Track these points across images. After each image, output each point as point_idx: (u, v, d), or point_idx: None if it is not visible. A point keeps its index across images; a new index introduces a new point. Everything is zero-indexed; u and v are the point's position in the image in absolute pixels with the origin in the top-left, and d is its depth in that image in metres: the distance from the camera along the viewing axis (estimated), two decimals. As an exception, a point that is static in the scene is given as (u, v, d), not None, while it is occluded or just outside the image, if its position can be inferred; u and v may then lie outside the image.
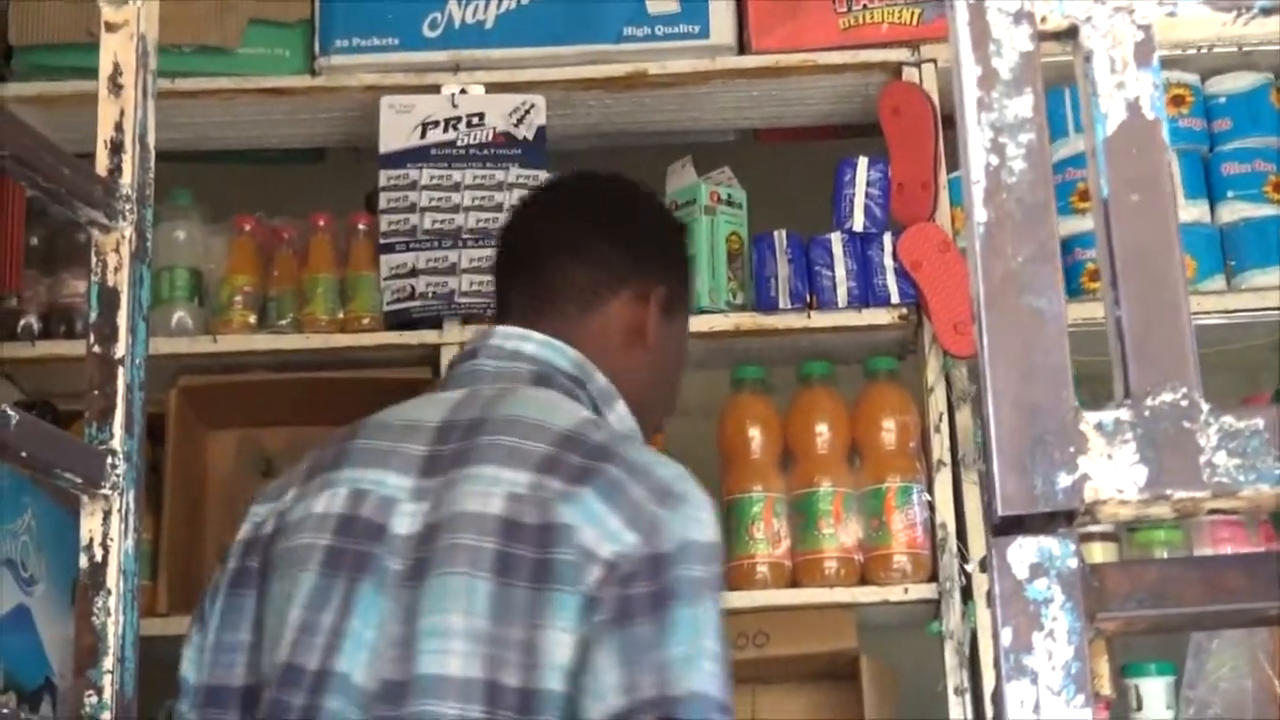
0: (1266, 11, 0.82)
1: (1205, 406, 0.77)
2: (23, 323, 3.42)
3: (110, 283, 1.55)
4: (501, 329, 2.21)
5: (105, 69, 1.63)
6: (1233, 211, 3.49)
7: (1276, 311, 3.44)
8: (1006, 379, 0.78)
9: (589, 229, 2.29)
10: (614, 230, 2.30)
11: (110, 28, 1.64)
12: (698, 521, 1.90)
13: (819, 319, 3.40)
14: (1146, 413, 0.78)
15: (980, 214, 0.79)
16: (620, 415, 2.16)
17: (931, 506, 3.27)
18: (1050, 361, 0.78)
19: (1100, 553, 3.31)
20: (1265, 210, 3.47)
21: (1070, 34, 0.83)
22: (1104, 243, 0.80)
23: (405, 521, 1.94)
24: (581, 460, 1.93)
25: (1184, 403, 0.78)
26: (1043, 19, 0.83)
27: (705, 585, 1.86)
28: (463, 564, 1.85)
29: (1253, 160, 3.51)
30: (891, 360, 3.44)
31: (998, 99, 0.80)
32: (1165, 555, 3.32)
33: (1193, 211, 3.48)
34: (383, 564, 1.91)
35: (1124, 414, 0.78)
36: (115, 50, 1.62)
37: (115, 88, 1.63)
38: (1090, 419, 0.77)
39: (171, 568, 3.30)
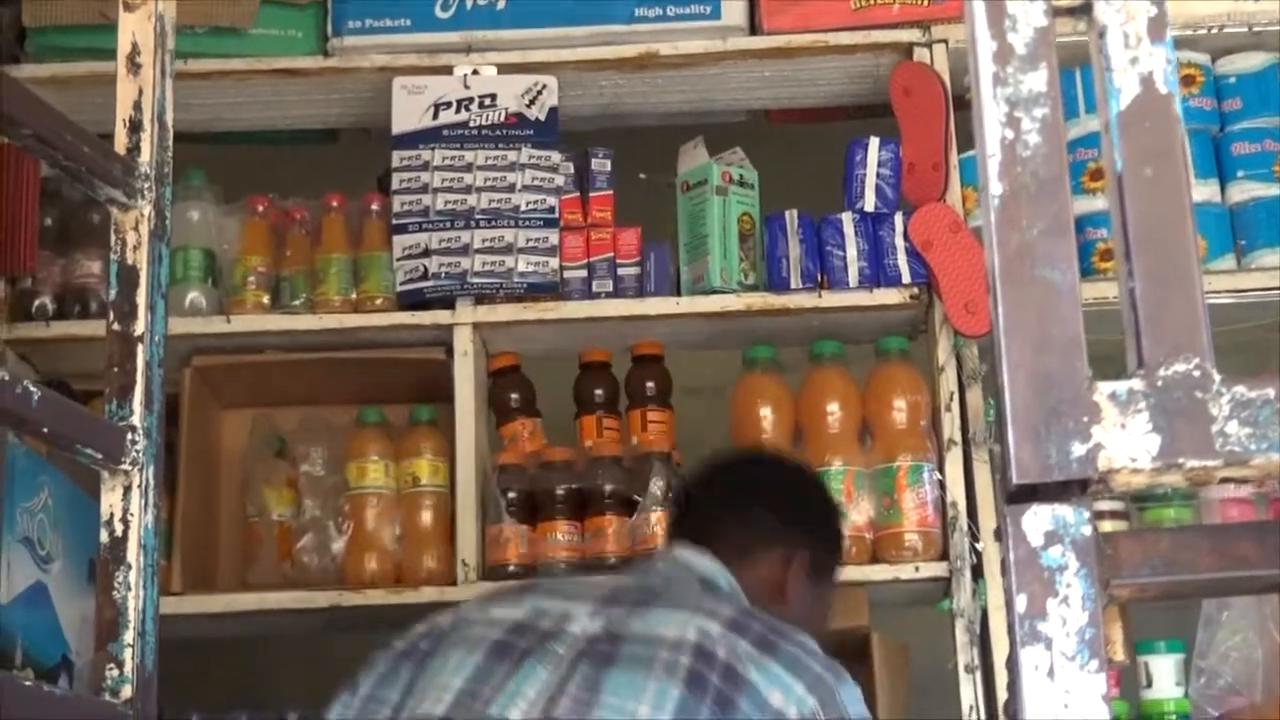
0: (1279, -13, 0.82)
1: (1217, 377, 0.78)
2: (37, 303, 3.43)
3: (130, 261, 1.57)
4: (678, 548, 2.43)
5: (124, 48, 1.64)
6: (1243, 191, 3.49)
7: (1288, 292, 3.45)
8: (1021, 350, 0.79)
9: (753, 494, 2.53)
10: (773, 499, 2.52)
11: (129, 7, 1.65)
12: (857, 702, 2.15)
13: (830, 299, 3.41)
14: (1159, 383, 0.79)
15: (995, 187, 0.80)
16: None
17: (942, 485, 3.28)
18: (1064, 332, 0.79)
19: (1110, 529, 3.32)
20: (1275, 190, 3.48)
21: (1085, 9, 0.84)
22: (1118, 216, 0.81)
23: (583, 624, 2.17)
24: (763, 630, 2.15)
25: (1196, 373, 0.79)
26: (1057, -6, 0.84)
27: None
28: (658, 669, 2.06)
29: (1263, 140, 3.52)
30: (902, 340, 3.44)
31: (1013, 74, 0.82)
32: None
33: (1203, 191, 3.48)
34: (554, 650, 2.13)
35: (1137, 384, 0.79)
36: (134, 30, 1.63)
37: (134, 67, 1.64)
38: (1104, 389, 0.79)
39: (186, 547, 3.32)
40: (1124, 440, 0.78)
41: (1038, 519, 0.77)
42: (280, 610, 3.31)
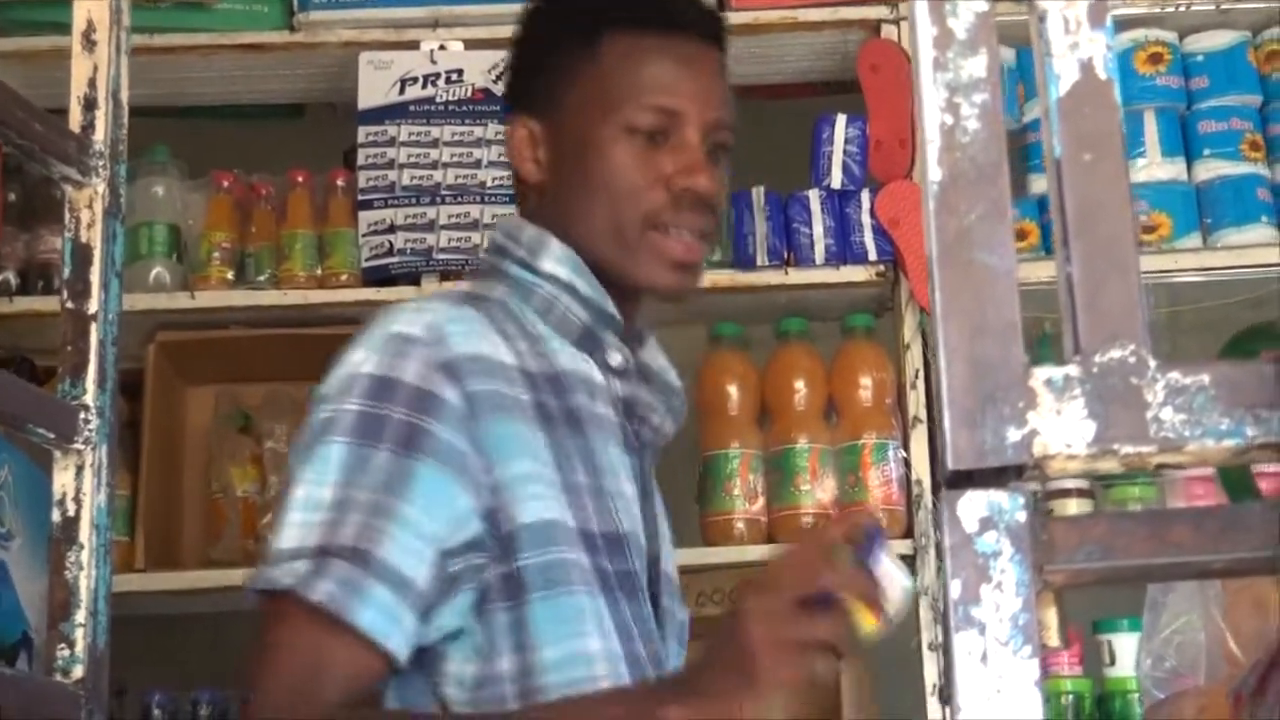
0: (1219, -28, 0.82)
1: (1153, 363, 0.78)
2: (0, 278, 3.42)
3: (83, 239, 1.56)
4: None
5: (79, 25, 1.64)
6: (1209, 169, 3.50)
7: (1253, 270, 3.46)
8: (959, 335, 0.79)
9: None
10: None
11: (83, -16, 1.64)
12: (352, 350, 1.79)
13: (796, 276, 3.41)
14: (1095, 369, 0.79)
15: (934, 172, 0.80)
16: (557, 258, 1.89)
17: (907, 463, 3.29)
18: (1001, 318, 0.79)
19: (1075, 508, 3.34)
20: (1242, 168, 3.49)
21: (1025, -6, 0.84)
22: (1056, 201, 0.81)
23: None
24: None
25: (1132, 359, 0.79)
26: (998, -21, 0.83)
27: (329, 427, 1.72)
28: None
29: (1229, 118, 3.53)
30: (868, 317, 3.45)
31: (953, 59, 0.81)
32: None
33: (1169, 169, 3.50)
34: None
35: (1073, 370, 0.79)
36: (89, 7, 1.63)
37: (89, 44, 1.64)
38: (1040, 375, 0.79)
39: (149, 524, 3.31)
40: (1059, 426, 0.78)
41: (973, 505, 0.77)
42: (244, 587, 3.29)
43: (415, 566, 1.65)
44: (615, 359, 1.91)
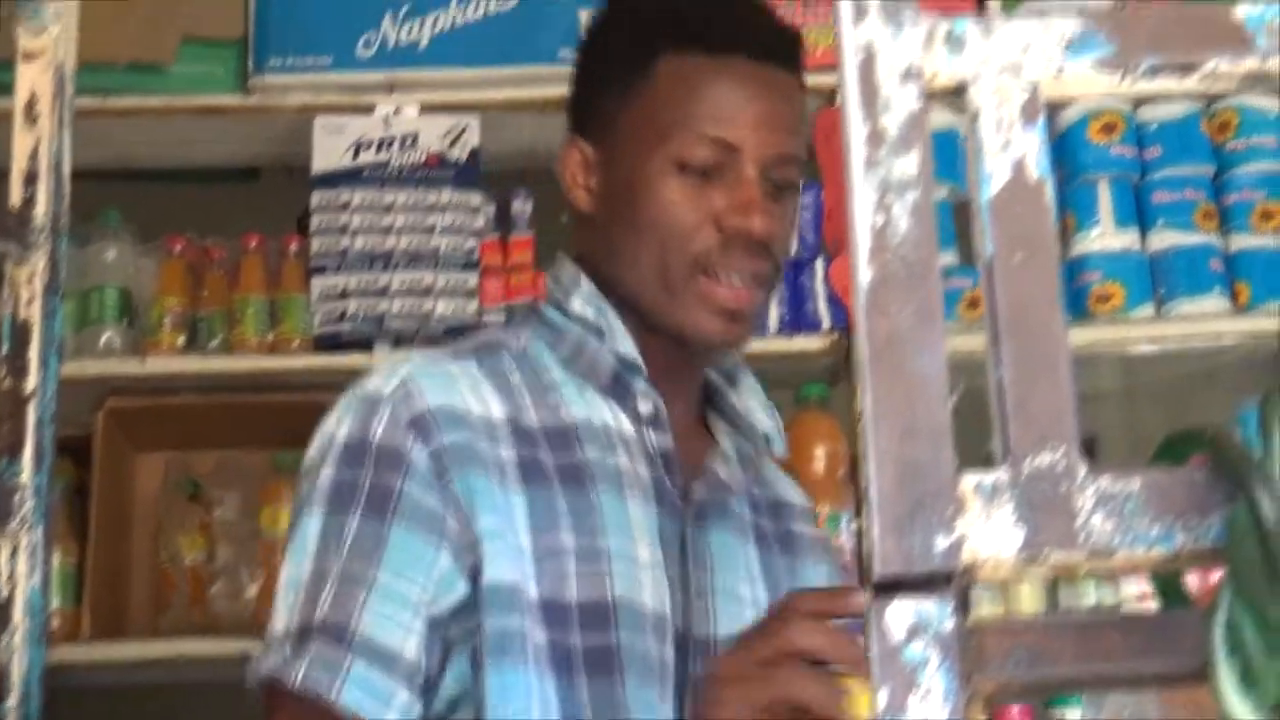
0: (1154, 71, 0.82)
1: (1083, 468, 0.78)
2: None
3: (22, 316, 1.54)
4: None
5: (21, 98, 1.62)
6: (1163, 239, 3.51)
7: (1206, 340, 3.47)
8: (889, 438, 0.78)
9: None
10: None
11: (27, 57, 1.62)
12: (329, 416, 1.74)
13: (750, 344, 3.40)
14: (1025, 474, 0.78)
15: (865, 273, 0.79)
16: (585, 297, 1.81)
17: (859, 535, 3.28)
18: (932, 421, 0.78)
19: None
20: (1195, 238, 3.49)
21: (959, 92, 0.83)
22: (989, 302, 0.81)
23: None
24: None
25: (1062, 464, 0.78)
26: (932, 76, 0.83)
27: (308, 499, 1.69)
28: None
29: (1183, 188, 3.53)
30: (822, 386, 3.44)
31: (885, 157, 0.81)
32: (1092, 583, 3.33)
33: (1123, 239, 3.50)
34: None
35: (1003, 475, 0.78)
36: (32, 80, 1.61)
37: (31, 118, 1.61)
38: (969, 480, 0.78)
39: (96, 593, 3.28)
40: (988, 533, 0.78)
41: (901, 612, 0.76)
42: (192, 658, 3.27)
43: (400, 637, 1.60)
44: (645, 408, 1.78)
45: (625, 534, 1.71)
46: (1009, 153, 0.83)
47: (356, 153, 3.44)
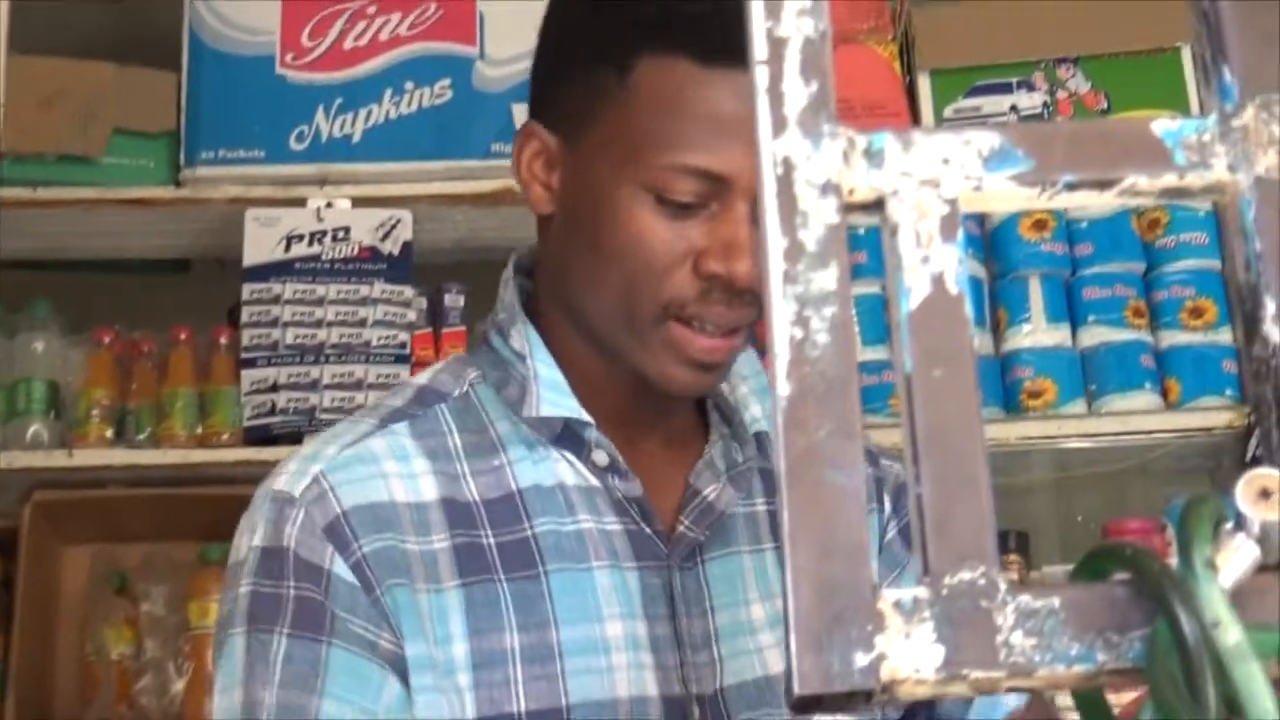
0: (1071, 186, 0.82)
1: (1003, 585, 0.77)
2: None
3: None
4: None
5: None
6: (1093, 336, 3.53)
7: (1137, 436, 3.48)
8: (807, 554, 0.78)
9: None
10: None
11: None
12: (244, 516, 1.53)
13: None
14: (945, 591, 0.78)
15: (783, 387, 0.78)
16: (524, 336, 1.59)
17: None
18: (850, 538, 0.78)
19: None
20: (1125, 335, 3.51)
21: (877, 206, 0.83)
22: (907, 419, 0.80)
23: None
24: None
25: (982, 581, 0.78)
26: (850, 191, 0.83)
27: (230, 616, 1.49)
28: None
29: (1113, 285, 3.56)
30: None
31: (803, 271, 0.80)
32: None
33: (1054, 335, 3.52)
34: None
35: (922, 592, 0.78)
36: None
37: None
38: (889, 596, 0.77)
39: (21, 687, 3.23)
40: (908, 650, 0.77)
41: (819, 732, 0.75)
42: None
43: None
44: (600, 459, 1.56)
45: (587, 616, 1.49)
46: (928, 267, 0.82)
47: (288, 245, 3.43)
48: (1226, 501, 0.79)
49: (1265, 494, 0.77)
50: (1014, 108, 3.62)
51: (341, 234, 3.45)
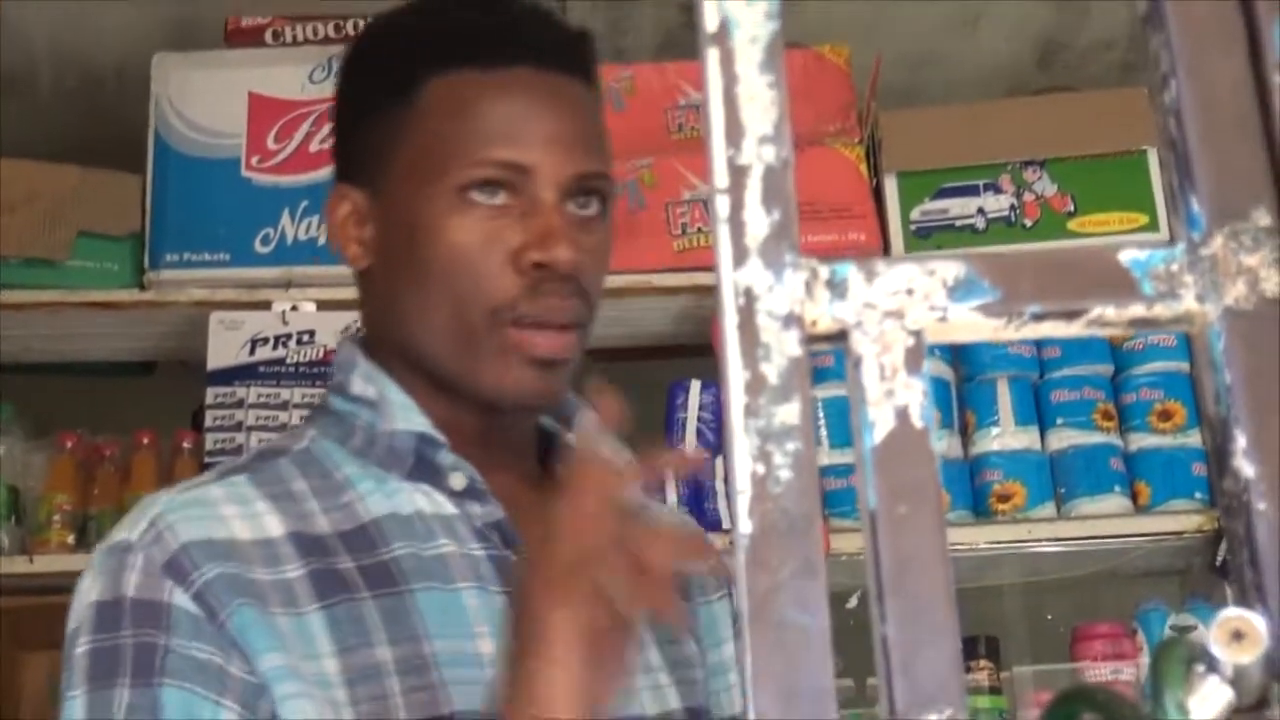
0: (1038, 317, 0.81)
1: (970, 732, 0.75)
2: None
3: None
4: None
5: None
6: (1062, 438, 3.52)
7: (1107, 540, 3.47)
8: (769, 700, 0.76)
9: None
10: None
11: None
12: (82, 576, 1.47)
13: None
14: (911, 737, 0.76)
15: (745, 525, 0.77)
16: (364, 376, 1.57)
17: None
18: (815, 683, 0.75)
19: None
20: (1094, 438, 3.51)
21: (840, 338, 0.81)
22: (872, 556, 0.78)
23: None
24: None
25: (948, 727, 0.76)
26: (813, 322, 0.81)
27: (68, 681, 1.43)
28: None
29: (1082, 388, 3.55)
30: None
31: (765, 405, 0.79)
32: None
33: (1023, 438, 3.51)
34: None
35: (888, 738, 0.75)
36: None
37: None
38: (854, 743, 0.75)
39: (-21, 796, 3.19)
40: (873, 800, 0.75)
41: None
42: None
43: None
44: (457, 483, 1.53)
45: (459, 632, 1.46)
46: (892, 400, 0.80)
47: (253, 349, 3.41)
48: (1199, 644, 0.77)
49: (1238, 635, 0.75)
50: (981, 210, 3.62)
51: (306, 337, 3.43)
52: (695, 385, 3.46)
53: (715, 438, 3.43)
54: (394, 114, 1.54)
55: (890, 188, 3.64)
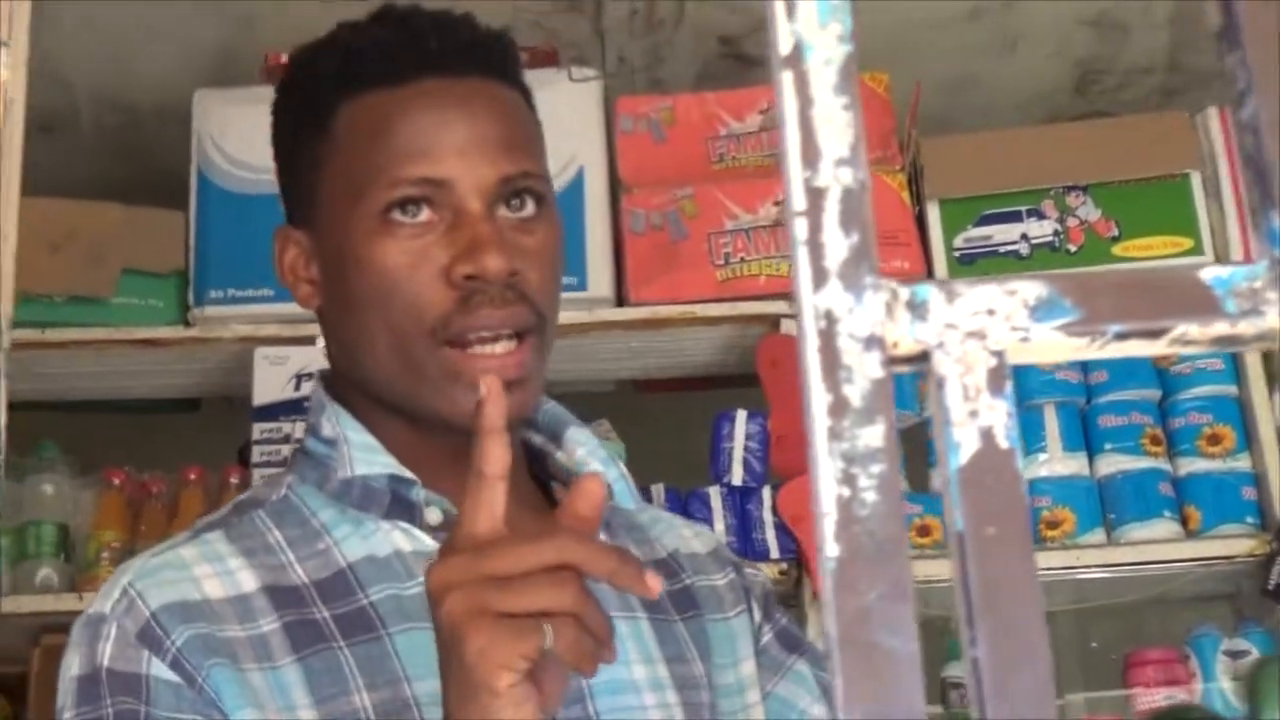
0: (1121, 336, 0.80)
1: (1065, 755, 0.74)
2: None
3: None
4: None
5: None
6: (1110, 464, 3.50)
7: (1157, 565, 3.45)
8: (861, 724, 0.75)
9: None
10: None
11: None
12: (64, 651, 1.46)
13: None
14: (1005, 760, 0.75)
15: (831, 549, 0.76)
16: (328, 417, 1.55)
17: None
18: (905, 706, 0.75)
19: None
20: (1143, 463, 3.49)
21: (922, 359, 0.81)
22: (960, 578, 0.77)
23: None
24: None
25: (1044, 749, 0.75)
26: (894, 344, 0.81)
27: (59, 715, 1.44)
28: None
29: (1129, 413, 3.54)
30: (769, 617, 3.40)
31: (849, 428, 0.78)
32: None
33: (1071, 464, 3.49)
34: None
35: (982, 761, 0.75)
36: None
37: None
38: (947, 768, 0.74)
39: (30, 834, 3.20)
40: (968, 823, 0.74)
41: None
42: None
43: None
44: (433, 517, 1.49)
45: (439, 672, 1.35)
46: (976, 421, 0.80)
47: (298, 384, 3.41)
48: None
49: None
50: (1025, 235, 3.61)
51: (351, 371, 3.43)
52: (741, 415, 3.45)
53: (762, 468, 3.42)
54: (315, 146, 1.53)
55: (933, 215, 3.63)
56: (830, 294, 0.83)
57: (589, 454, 1.59)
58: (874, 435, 0.80)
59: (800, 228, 0.83)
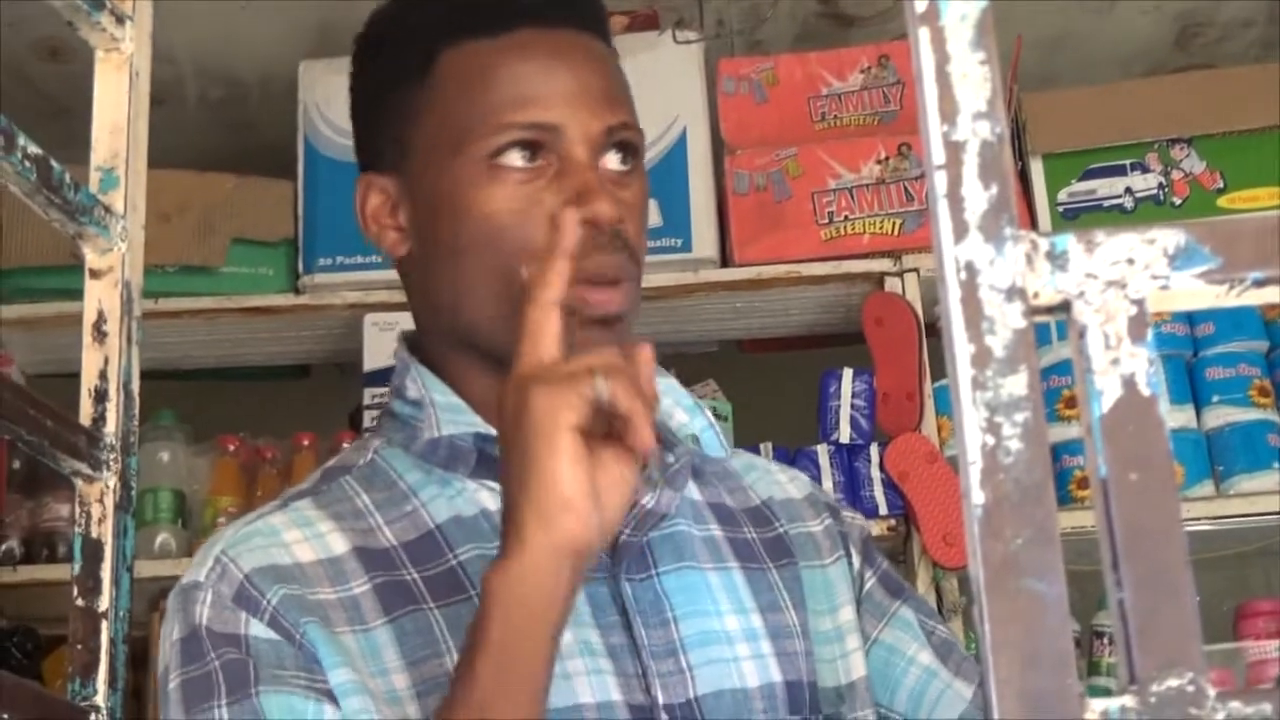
0: (1260, 283, 0.81)
1: (1212, 692, 0.76)
2: (5, 547, 3.39)
3: (94, 534, 1.53)
4: None
5: (89, 317, 1.62)
6: (1218, 416, 3.49)
7: (1266, 517, 3.43)
8: (1009, 667, 0.76)
9: None
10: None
11: (95, 274, 1.63)
12: (164, 621, 1.49)
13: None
14: (1153, 699, 0.76)
15: (977, 496, 0.77)
16: (414, 378, 1.55)
17: None
18: (1054, 648, 0.76)
19: None
20: (1251, 414, 3.47)
21: (1063, 309, 0.82)
22: (1104, 524, 0.79)
23: None
24: None
25: (1190, 689, 0.76)
26: (1035, 294, 0.82)
27: (165, 710, 1.44)
28: None
29: (1237, 364, 3.52)
30: (880, 573, 3.41)
31: (992, 377, 0.80)
32: None
33: (1178, 417, 3.48)
34: None
35: (1129, 701, 0.76)
36: (100, 297, 1.61)
37: (99, 335, 1.62)
38: (1096, 706, 0.76)
39: (151, 798, 3.25)
40: (1118, 762, 0.75)
41: None
42: None
43: None
44: None
45: None
46: (1118, 369, 0.81)
47: (407, 349, 3.44)
48: None
49: None
50: (1129, 189, 3.59)
51: (459, 336, 3.46)
52: (847, 373, 3.46)
53: (869, 425, 3.43)
54: (411, 94, 1.52)
55: (1036, 170, 3.63)
56: (971, 246, 0.84)
57: (675, 403, 1.60)
58: (1017, 384, 0.82)
59: (940, 181, 0.84)
